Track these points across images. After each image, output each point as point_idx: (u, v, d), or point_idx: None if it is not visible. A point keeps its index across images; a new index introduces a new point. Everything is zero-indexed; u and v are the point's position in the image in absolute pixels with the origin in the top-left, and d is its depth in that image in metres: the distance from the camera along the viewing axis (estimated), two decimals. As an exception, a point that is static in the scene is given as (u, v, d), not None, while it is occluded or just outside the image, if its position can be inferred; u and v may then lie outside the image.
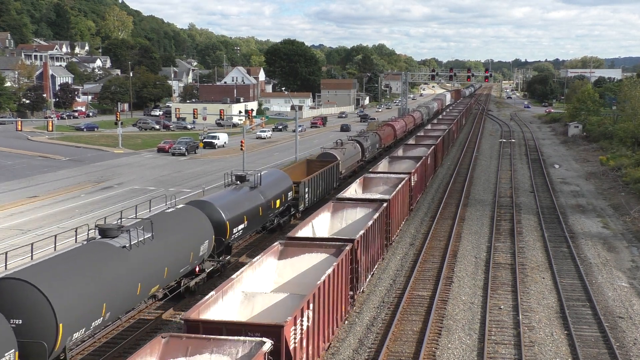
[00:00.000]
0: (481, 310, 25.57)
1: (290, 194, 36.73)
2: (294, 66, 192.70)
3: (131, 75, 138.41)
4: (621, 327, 24.21)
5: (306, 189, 38.63)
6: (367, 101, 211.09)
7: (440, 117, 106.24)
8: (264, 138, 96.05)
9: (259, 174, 33.72)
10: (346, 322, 23.61)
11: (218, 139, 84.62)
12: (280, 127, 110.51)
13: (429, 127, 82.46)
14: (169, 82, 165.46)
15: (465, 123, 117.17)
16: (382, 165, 47.10)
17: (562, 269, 31.15)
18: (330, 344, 21.04)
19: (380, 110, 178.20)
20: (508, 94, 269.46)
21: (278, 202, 34.43)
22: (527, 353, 21.74)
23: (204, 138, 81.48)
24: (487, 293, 27.27)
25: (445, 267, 30.74)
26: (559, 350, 22.06)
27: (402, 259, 32.31)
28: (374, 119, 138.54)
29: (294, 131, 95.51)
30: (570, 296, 27.37)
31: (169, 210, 26.43)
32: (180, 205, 27.72)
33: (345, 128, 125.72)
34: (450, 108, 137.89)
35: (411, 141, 64.60)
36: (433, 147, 54.41)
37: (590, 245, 35.69)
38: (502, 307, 25.95)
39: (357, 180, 38.70)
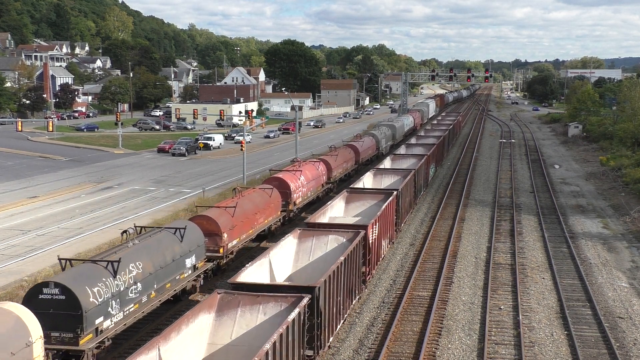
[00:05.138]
0: (481, 310, 25.58)
1: None
2: (294, 66, 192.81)
3: (131, 75, 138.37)
4: (621, 327, 24.22)
5: None
6: (367, 101, 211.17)
7: (381, 164, 47.22)
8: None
9: None
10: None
11: (213, 140, 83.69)
12: (226, 135, 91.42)
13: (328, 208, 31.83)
14: (169, 82, 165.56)
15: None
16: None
17: (562, 269, 31.16)
18: None
19: (342, 121, 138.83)
20: (513, 100, 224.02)
21: None
22: (527, 353, 21.74)
23: (201, 139, 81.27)
24: (487, 293, 27.28)
25: (446, 267, 30.75)
26: (559, 351, 22.07)
27: (402, 259, 32.33)
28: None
29: (276, 136, 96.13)
30: (570, 296, 27.38)
31: None
32: None
33: (393, 110, 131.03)
34: (421, 134, 73.73)
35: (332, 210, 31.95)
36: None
37: (590, 245, 35.68)
38: (502, 307, 25.96)
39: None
